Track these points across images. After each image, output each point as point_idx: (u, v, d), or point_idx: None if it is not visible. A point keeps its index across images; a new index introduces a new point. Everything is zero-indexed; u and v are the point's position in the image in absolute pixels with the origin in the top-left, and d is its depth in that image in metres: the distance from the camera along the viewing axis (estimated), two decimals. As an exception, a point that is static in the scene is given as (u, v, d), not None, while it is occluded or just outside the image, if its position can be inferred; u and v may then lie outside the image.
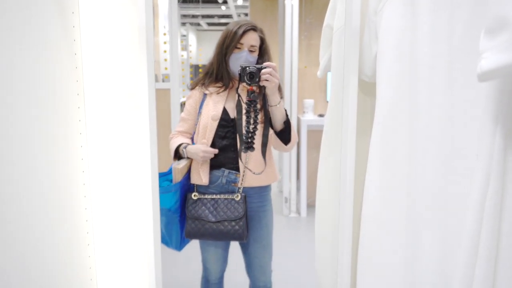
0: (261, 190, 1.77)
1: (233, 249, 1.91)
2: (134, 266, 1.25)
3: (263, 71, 1.55)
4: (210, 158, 1.73)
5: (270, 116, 1.68)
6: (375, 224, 1.03)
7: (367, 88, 1.19)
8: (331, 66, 1.33)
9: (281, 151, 1.80)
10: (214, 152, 1.70)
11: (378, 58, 0.99)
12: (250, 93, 1.59)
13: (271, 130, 1.72)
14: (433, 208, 0.91)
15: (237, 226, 1.68)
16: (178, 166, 1.71)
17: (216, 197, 1.71)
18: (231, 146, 1.71)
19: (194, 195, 1.73)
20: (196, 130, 1.77)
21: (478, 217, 0.66)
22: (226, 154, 1.72)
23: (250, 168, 1.69)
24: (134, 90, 1.17)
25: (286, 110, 1.71)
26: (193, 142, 1.79)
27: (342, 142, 1.16)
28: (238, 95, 1.66)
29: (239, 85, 1.66)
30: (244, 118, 1.63)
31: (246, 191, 1.73)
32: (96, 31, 1.18)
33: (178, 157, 1.78)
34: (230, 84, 1.73)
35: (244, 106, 1.65)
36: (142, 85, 1.11)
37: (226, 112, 1.71)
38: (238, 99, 1.67)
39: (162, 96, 3.96)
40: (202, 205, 1.71)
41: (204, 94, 1.76)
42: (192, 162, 1.77)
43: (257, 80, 1.56)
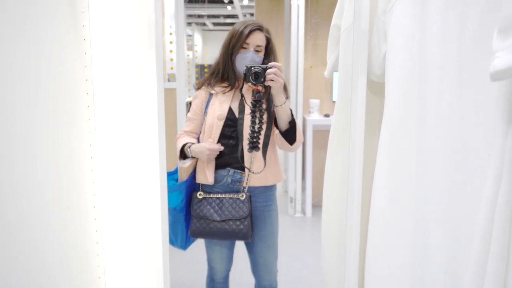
0: (266, 190, 1.77)
1: (238, 248, 1.92)
2: (142, 265, 1.26)
3: (268, 71, 1.56)
4: (216, 158, 1.73)
5: (273, 116, 1.68)
6: (383, 223, 1.03)
7: (376, 87, 1.19)
8: (339, 65, 1.33)
9: (286, 151, 1.81)
10: (220, 149, 1.70)
11: (387, 58, 0.99)
12: (255, 93, 1.60)
13: (277, 130, 1.73)
14: (442, 207, 0.90)
15: (241, 226, 1.68)
16: (184, 165, 1.72)
17: (221, 196, 1.72)
18: (237, 146, 1.71)
19: (199, 194, 1.74)
20: (202, 129, 1.77)
21: (490, 216, 0.66)
22: (232, 154, 1.72)
23: (254, 167, 1.70)
24: (142, 89, 1.17)
25: (292, 110, 1.71)
26: (199, 141, 1.79)
27: (350, 141, 1.16)
28: (242, 95, 1.66)
29: (243, 85, 1.66)
30: (249, 118, 1.64)
31: (251, 191, 1.73)
32: (105, 31, 1.19)
33: (183, 156, 1.79)
34: (236, 83, 1.74)
35: (248, 106, 1.65)
36: (151, 84, 1.11)
37: (232, 111, 1.72)
38: (241, 99, 1.67)
39: (168, 95, 3.98)
40: (207, 204, 1.72)
41: (210, 94, 1.76)
42: (197, 161, 1.78)
43: (262, 80, 1.56)
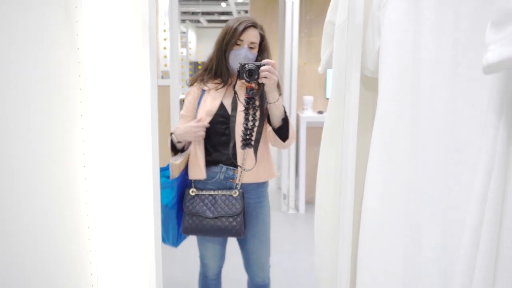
0: (258, 186, 1.78)
1: (230, 245, 1.92)
2: (134, 262, 1.26)
3: (262, 68, 1.55)
4: (208, 154, 1.73)
5: (266, 113, 1.68)
6: (376, 218, 1.04)
7: (369, 83, 1.19)
8: (333, 62, 1.33)
9: (279, 148, 1.81)
10: (206, 125, 1.68)
11: (380, 53, 0.99)
12: (249, 90, 1.59)
13: (269, 127, 1.73)
14: (434, 202, 0.91)
15: (234, 222, 1.68)
16: (176, 162, 1.71)
17: (214, 193, 1.72)
18: (229, 143, 1.71)
19: (192, 191, 1.73)
20: None
21: (480, 209, 0.66)
22: (224, 151, 1.72)
23: (247, 164, 1.69)
24: (136, 86, 1.17)
25: (285, 107, 1.71)
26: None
27: (343, 137, 1.16)
28: (235, 92, 1.66)
29: (237, 82, 1.66)
30: (242, 115, 1.64)
31: (244, 187, 1.73)
32: (98, 26, 1.18)
33: (175, 151, 1.78)
34: (229, 80, 1.73)
35: (240, 103, 1.65)
36: (144, 81, 1.11)
37: (224, 108, 1.71)
38: (234, 96, 1.67)
39: (162, 92, 3.97)
40: (200, 201, 1.72)
41: (202, 90, 1.75)
42: (189, 157, 1.77)
43: (256, 77, 1.55)
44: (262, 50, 1.73)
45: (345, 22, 1.18)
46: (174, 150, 1.79)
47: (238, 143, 1.65)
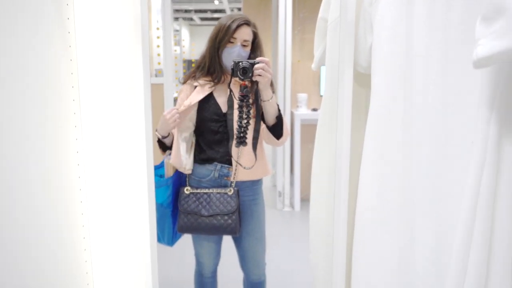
0: (253, 184, 1.78)
1: (225, 243, 1.92)
2: (130, 261, 1.25)
3: (256, 66, 1.55)
4: (202, 152, 1.73)
5: (262, 111, 1.68)
6: (370, 214, 1.04)
7: (362, 79, 1.19)
8: (326, 58, 1.33)
9: (273, 146, 1.81)
10: (177, 111, 1.66)
11: (373, 49, 1.00)
12: (242, 88, 1.59)
13: (263, 125, 1.73)
14: (428, 197, 0.91)
15: (229, 220, 1.68)
16: (170, 160, 1.71)
17: (208, 191, 1.72)
18: (224, 140, 1.71)
19: (186, 190, 1.73)
20: None
21: (473, 203, 0.67)
22: (219, 149, 1.72)
23: (241, 162, 1.70)
24: (129, 83, 1.16)
25: (278, 105, 1.71)
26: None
27: (337, 133, 1.16)
28: (230, 90, 1.66)
29: (231, 80, 1.66)
30: (236, 113, 1.63)
31: (239, 185, 1.73)
32: (90, 24, 1.18)
33: (164, 148, 1.78)
34: (222, 78, 1.73)
35: (236, 101, 1.65)
36: (138, 79, 1.10)
37: (218, 106, 1.71)
38: (230, 94, 1.66)
39: (156, 91, 3.95)
40: (195, 199, 1.72)
41: (194, 87, 1.75)
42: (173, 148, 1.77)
43: (250, 75, 1.55)
44: (255, 47, 1.73)
45: (337, 19, 1.18)
46: (163, 147, 1.78)
47: (234, 141, 1.65)
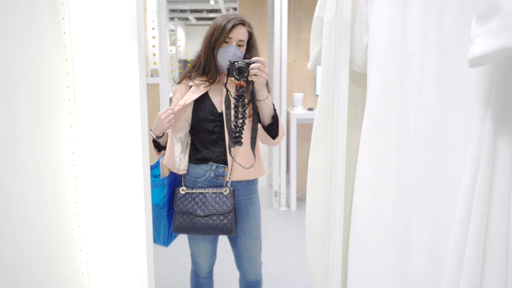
0: (248, 184, 1.78)
1: (221, 242, 1.92)
2: (125, 260, 1.25)
3: (252, 66, 1.55)
4: (198, 152, 1.73)
5: (258, 110, 1.68)
6: (366, 214, 1.04)
7: (358, 79, 1.19)
8: (322, 58, 1.34)
9: (269, 145, 1.81)
10: (172, 111, 1.66)
11: (369, 49, 1.00)
12: (238, 88, 1.59)
13: (259, 125, 1.73)
14: (424, 196, 0.92)
15: (225, 220, 1.68)
16: (164, 161, 1.72)
17: (204, 191, 1.72)
18: (219, 140, 1.71)
19: (182, 190, 1.73)
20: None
21: (468, 202, 0.67)
22: (215, 149, 1.72)
23: (238, 162, 1.70)
24: (125, 84, 1.16)
25: (274, 105, 1.71)
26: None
27: (333, 132, 1.16)
28: (227, 90, 1.66)
29: (228, 79, 1.66)
30: (232, 113, 1.63)
31: (234, 185, 1.73)
32: (86, 24, 1.17)
33: (159, 148, 1.78)
34: (218, 78, 1.73)
35: (232, 101, 1.64)
36: (133, 79, 1.10)
37: (213, 106, 1.71)
38: (227, 94, 1.66)
39: (151, 91, 3.95)
40: (191, 199, 1.71)
41: (189, 87, 1.75)
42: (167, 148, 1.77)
43: (246, 75, 1.55)
44: (250, 47, 1.73)
45: (333, 19, 1.18)
46: (158, 147, 1.78)
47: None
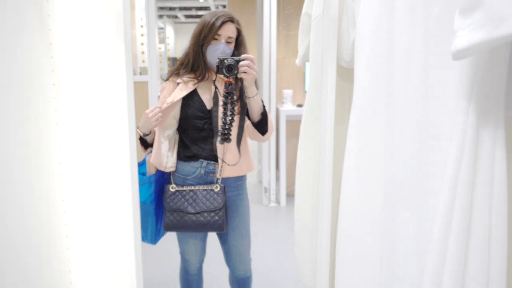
0: (237, 179, 1.78)
1: (210, 239, 1.91)
2: (113, 258, 1.25)
3: (241, 63, 1.55)
4: (187, 149, 1.72)
5: (246, 107, 1.68)
6: (353, 206, 1.05)
7: (345, 74, 1.20)
8: (310, 53, 1.34)
9: (258, 141, 1.81)
10: (160, 109, 1.65)
11: (356, 44, 1.00)
12: (227, 85, 1.59)
13: (248, 121, 1.73)
14: (410, 188, 0.92)
15: (216, 217, 1.68)
16: (151, 159, 1.71)
17: (194, 188, 1.71)
18: (209, 137, 1.71)
19: (171, 187, 1.72)
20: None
21: (452, 193, 0.68)
22: (205, 146, 1.72)
23: (226, 159, 1.70)
24: (112, 81, 1.15)
25: (263, 101, 1.71)
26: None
27: (321, 127, 1.17)
28: (216, 88, 1.65)
29: (216, 77, 1.65)
30: (221, 110, 1.63)
31: (224, 181, 1.74)
32: (71, 21, 1.16)
33: (146, 145, 1.78)
34: (207, 75, 1.72)
35: (221, 98, 1.64)
36: (120, 77, 1.09)
37: (202, 103, 1.71)
38: (215, 91, 1.66)
39: (140, 89, 3.93)
40: (181, 197, 1.71)
41: (177, 84, 1.74)
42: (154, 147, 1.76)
43: (235, 72, 1.55)
44: (239, 44, 1.73)
45: (321, 15, 1.18)
46: (144, 144, 1.77)
47: (219, 138, 1.65)
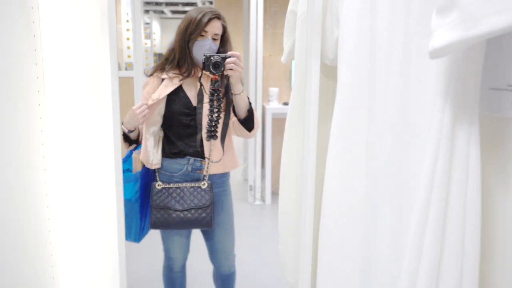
0: (222, 176, 1.79)
1: (193, 236, 1.91)
2: (96, 254, 1.24)
3: (228, 60, 1.55)
4: (173, 146, 1.72)
5: (231, 104, 1.69)
6: (335, 203, 1.07)
7: (329, 72, 1.21)
8: (295, 51, 1.35)
9: (244, 138, 1.82)
10: (146, 103, 1.64)
11: (339, 42, 1.02)
12: (213, 82, 1.59)
13: (234, 118, 1.73)
14: (389, 184, 0.94)
15: (204, 214, 1.68)
16: (138, 155, 1.70)
17: (181, 185, 1.71)
18: (195, 135, 1.71)
19: (158, 185, 1.71)
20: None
21: (428, 189, 0.70)
22: (190, 143, 1.71)
23: (213, 155, 1.70)
24: (96, 76, 1.14)
25: (249, 98, 1.72)
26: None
27: (304, 124, 1.18)
28: (201, 84, 1.65)
29: (202, 73, 1.65)
30: (207, 107, 1.63)
31: (209, 178, 1.74)
32: (55, 13, 1.15)
33: (130, 142, 1.76)
34: (193, 71, 1.72)
35: (206, 95, 1.64)
36: (105, 71, 1.09)
37: (188, 99, 1.70)
38: (200, 88, 1.66)
39: (125, 84, 3.90)
40: (168, 194, 1.70)
41: (162, 80, 1.73)
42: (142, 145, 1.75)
43: (222, 69, 1.55)
44: (224, 41, 1.73)
45: (306, 12, 1.19)
46: (128, 141, 1.76)
47: (205, 135, 1.65)
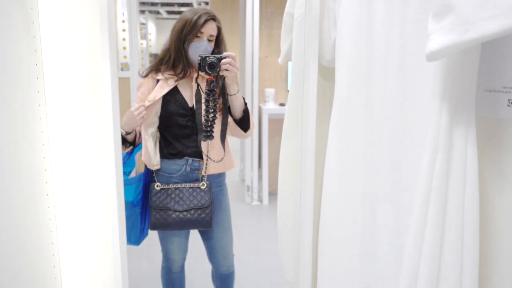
0: (219, 176, 1.81)
1: (191, 236, 1.91)
2: (98, 253, 1.25)
3: (223, 61, 1.57)
4: (171, 147, 1.73)
5: (228, 104, 1.70)
6: (335, 204, 1.08)
7: (327, 73, 1.23)
8: (292, 53, 1.36)
9: (240, 138, 1.83)
10: (143, 105, 1.64)
11: (336, 44, 1.03)
12: (209, 82, 1.60)
13: (230, 118, 1.74)
14: (388, 185, 0.96)
15: (203, 214, 1.69)
16: (142, 157, 1.71)
17: (180, 186, 1.72)
18: (193, 135, 1.72)
19: (157, 186, 1.72)
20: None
21: (427, 190, 0.71)
22: (188, 143, 1.72)
23: (211, 155, 1.71)
24: (95, 76, 1.15)
25: (244, 98, 1.73)
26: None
27: (303, 126, 1.19)
28: (198, 85, 1.66)
29: (198, 74, 1.66)
30: (203, 107, 1.64)
31: (207, 178, 1.75)
32: (55, 14, 1.16)
33: (126, 144, 1.76)
34: (188, 72, 1.73)
35: (203, 96, 1.66)
36: (105, 72, 1.09)
37: (184, 100, 1.71)
38: (198, 89, 1.67)
39: (122, 85, 3.90)
40: (167, 195, 1.71)
41: (157, 81, 1.74)
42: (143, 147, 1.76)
43: (217, 70, 1.57)
44: (219, 42, 1.74)
45: (303, 14, 1.21)
46: (124, 143, 1.76)
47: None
